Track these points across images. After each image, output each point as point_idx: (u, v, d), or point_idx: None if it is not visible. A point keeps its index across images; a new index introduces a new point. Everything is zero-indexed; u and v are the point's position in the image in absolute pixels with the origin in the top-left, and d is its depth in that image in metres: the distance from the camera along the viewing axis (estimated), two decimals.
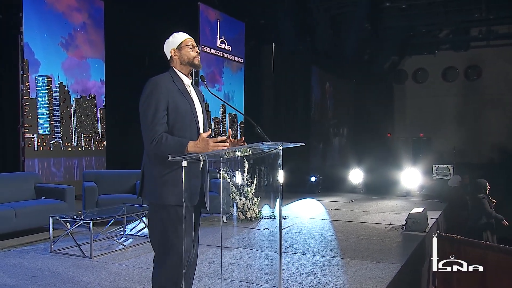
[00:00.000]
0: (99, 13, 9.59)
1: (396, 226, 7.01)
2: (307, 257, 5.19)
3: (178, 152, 2.74)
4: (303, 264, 4.87)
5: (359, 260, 5.07)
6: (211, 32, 11.25)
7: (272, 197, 3.40)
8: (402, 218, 7.19)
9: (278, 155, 2.99)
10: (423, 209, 7.04)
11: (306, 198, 10.37)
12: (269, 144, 2.96)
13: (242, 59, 12.60)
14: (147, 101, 2.78)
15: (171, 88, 2.84)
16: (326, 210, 8.70)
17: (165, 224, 2.82)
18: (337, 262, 5.02)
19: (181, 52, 2.94)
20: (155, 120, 2.75)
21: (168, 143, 2.73)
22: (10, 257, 4.96)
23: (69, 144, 8.83)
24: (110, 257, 5.05)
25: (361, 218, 7.81)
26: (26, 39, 7.99)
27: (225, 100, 11.82)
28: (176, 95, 2.84)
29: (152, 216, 2.93)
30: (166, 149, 2.71)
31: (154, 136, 2.72)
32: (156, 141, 2.72)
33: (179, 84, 2.90)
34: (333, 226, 7.14)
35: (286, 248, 5.55)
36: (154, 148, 2.73)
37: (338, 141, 18.90)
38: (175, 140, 2.76)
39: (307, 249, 5.57)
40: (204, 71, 10.91)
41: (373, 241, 6.04)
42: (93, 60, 9.43)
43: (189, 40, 2.97)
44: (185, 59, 2.93)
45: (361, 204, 9.63)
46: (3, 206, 5.70)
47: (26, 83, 7.99)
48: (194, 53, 2.94)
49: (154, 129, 2.73)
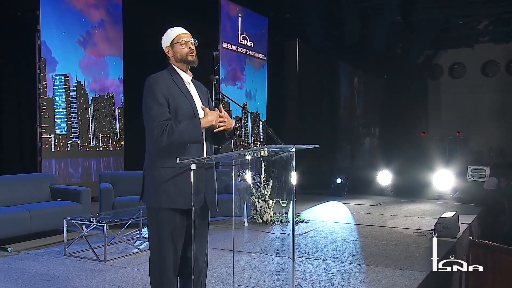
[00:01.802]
0: (117, 10, 9.75)
1: (424, 231, 6.93)
2: (327, 263, 5.19)
3: (193, 134, 2.77)
4: (323, 271, 4.88)
5: (382, 267, 5.04)
6: (232, 28, 11.33)
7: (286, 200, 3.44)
8: (432, 223, 7.11)
9: (291, 157, 3.04)
10: (454, 213, 6.93)
11: (330, 201, 10.34)
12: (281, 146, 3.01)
13: (265, 55, 12.64)
14: (149, 98, 2.82)
15: (170, 86, 2.88)
16: (351, 214, 8.67)
17: (155, 227, 2.90)
18: (359, 269, 5.00)
19: (174, 49, 2.98)
20: (160, 114, 2.76)
21: (180, 128, 2.73)
22: (23, 260, 5.12)
23: (87, 145, 9.04)
24: (124, 261, 5.16)
25: (387, 223, 7.75)
26: (43, 37, 8.19)
27: (246, 98, 11.88)
28: (176, 93, 2.87)
29: (148, 219, 3.03)
30: (180, 135, 2.73)
31: (162, 127, 2.71)
32: (166, 130, 2.70)
33: (178, 81, 2.94)
34: (358, 230, 7.11)
35: (306, 254, 5.56)
36: (167, 139, 2.71)
37: (367, 140, 18.74)
38: (185, 123, 2.77)
39: (328, 254, 5.57)
40: (225, 68, 11.00)
41: (399, 247, 6.00)
42: (111, 58, 9.62)
43: (182, 35, 2.98)
44: (178, 56, 2.97)
45: (389, 207, 9.55)
46: (18, 208, 5.89)
47: (43, 82, 8.21)
48: (186, 49, 2.96)
49: (159, 122, 2.73)
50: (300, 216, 7.82)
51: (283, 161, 3.14)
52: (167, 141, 2.72)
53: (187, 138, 2.77)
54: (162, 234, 2.85)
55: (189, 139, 2.79)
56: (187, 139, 2.78)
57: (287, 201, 3.50)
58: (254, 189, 6.98)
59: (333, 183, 11.29)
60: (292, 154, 3.03)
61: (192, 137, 2.79)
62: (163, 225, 2.85)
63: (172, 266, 2.88)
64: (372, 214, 8.65)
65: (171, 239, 2.85)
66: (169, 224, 2.84)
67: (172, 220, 2.84)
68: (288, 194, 3.33)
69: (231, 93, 11.25)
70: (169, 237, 2.85)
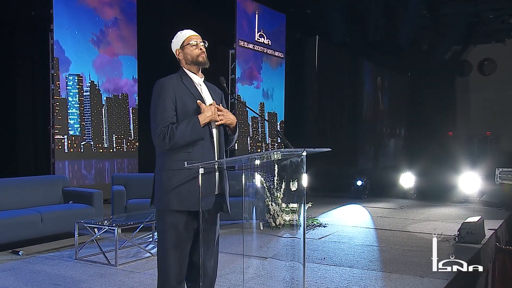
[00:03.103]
0: (132, 8, 9.88)
1: (447, 236, 6.86)
2: (344, 269, 5.19)
3: (193, 132, 2.86)
4: (338, 277, 4.89)
5: (401, 274, 5.02)
6: (248, 26, 11.39)
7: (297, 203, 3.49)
8: (456, 228, 7.03)
9: (302, 161, 3.08)
10: (479, 218, 6.85)
11: (350, 204, 10.31)
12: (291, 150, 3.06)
13: (283, 53, 12.67)
14: (155, 103, 2.92)
15: (179, 89, 2.95)
16: (371, 218, 8.64)
17: (162, 231, 2.99)
18: (377, 275, 5.00)
19: (184, 51, 3.05)
20: (164, 119, 2.87)
21: (180, 129, 2.84)
22: (34, 263, 5.25)
23: (100, 146, 9.19)
24: (135, 265, 5.25)
25: (409, 227, 7.70)
26: (56, 36, 8.34)
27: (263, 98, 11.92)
28: (185, 96, 2.95)
29: (157, 223, 3.11)
30: (181, 136, 2.84)
31: (163, 132, 2.84)
32: (167, 134, 2.83)
33: (188, 84, 3.01)
34: (377, 235, 7.09)
35: (322, 259, 5.58)
36: (169, 143, 2.84)
37: (390, 141, 18.61)
38: (185, 122, 2.87)
39: (345, 260, 5.57)
40: (241, 67, 11.06)
41: (420, 253, 5.95)
42: (125, 57, 9.76)
43: (192, 37, 3.06)
44: (189, 58, 3.04)
45: (411, 211, 9.48)
46: (29, 210, 6.03)
47: (56, 83, 8.37)
48: (197, 51, 3.03)
49: (162, 127, 2.85)
50: (317, 220, 7.82)
51: (294, 165, 3.19)
52: (170, 144, 2.85)
53: (188, 137, 2.86)
54: (167, 239, 2.94)
55: (190, 139, 2.88)
56: (188, 139, 2.87)
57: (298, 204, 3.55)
58: (268, 191, 7.02)
59: (354, 186, 11.25)
60: (303, 158, 3.08)
61: (193, 135, 2.87)
62: (169, 228, 2.93)
63: (175, 272, 2.94)
64: (393, 218, 8.61)
65: (176, 243, 2.92)
66: (175, 227, 2.92)
67: (178, 223, 2.92)
68: (299, 198, 3.38)
69: (248, 93, 11.32)
70: (174, 241, 2.92)
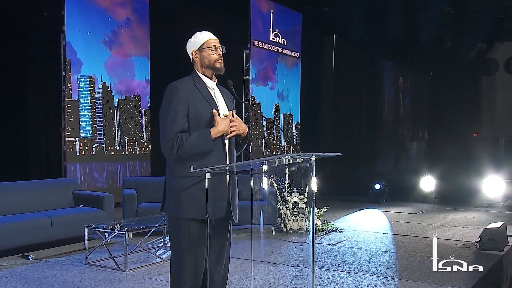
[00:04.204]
0: (144, 8, 9.96)
1: (468, 243, 6.80)
2: (358, 276, 5.19)
3: (203, 145, 2.87)
4: (352, 284, 4.89)
5: (417, 282, 5.01)
6: (263, 25, 11.42)
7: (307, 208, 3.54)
8: (477, 234, 6.95)
9: (311, 165, 3.11)
10: (502, 223, 6.78)
11: (368, 208, 10.26)
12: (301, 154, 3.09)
13: (298, 53, 12.68)
14: (166, 108, 2.91)
15: (192, 93, 2.94)
16: (389, 223, 8.60)
17: (175, 238, 3.00)
18: (392, 283, 4.99)
19: (202, 54, 3.03)
20: (174, 127, 2.86)
21: (190, 140, 2.84)
22: (43, 268, 5.34)
23: (112, 148, 9.30)
24: (145, 270, 5.31)
25: (428, 233, 7.65)
26: (68, 37, 8.44)
27: (278, 99, 11.93)
28: (198, 100, 2.94)
29: (169, 229, 3.10)
30: (189, 147, 2.84)
31: (172, 141, 2.83)
32: (176, 143, 2.83)
33: (201, 88, 3.00)
34: (394, 241, 7.06)
35: (336, 266, 5.58)
36: (177, 152, 2.84)
37: (410, 142, 18.46)
38: (196, 134, 2.87)
39: (360, 267, 5.56)
40: (256, 67, 11.10)
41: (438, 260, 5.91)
42: (138, 58, 9.85)
43: (212, 41, 3.04)
44: (205, 61, 3.02)
45: (432, 216, 9.40)
46: (39, 214, 6.13)
47: (68, 84, 8.48)
48: (216, 56, 3.02)
49: (171, 135, 2.85)
50: (333, 225, 7.81)
51: (303, 169, 3.22)
52: (177, 154, 2.86)
53: (197, 150, 2.88)
54: (181, 246, 2.95)
55: (199, 151, 2.89)
56: (197, 151, 2.88)
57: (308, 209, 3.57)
58: (279, 196, 7.04)
59: (372, 189, 11.19)
60: (312, 163, 3.10)
61: (202, 148, 2.89)
62: (182, 236, 2.94)
63: (191, 279, 2.95)
64: (412, 223, 8.55)
65: (190, 250, 2.93)
66: (188, 235, 2.93)
67: (191, 231, 2.93)
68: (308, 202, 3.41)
69: (262, 94, 11.35)
70: (189, 249, 2.93)
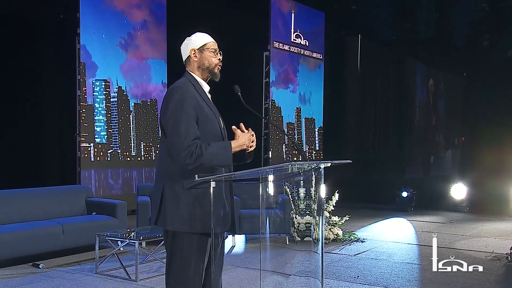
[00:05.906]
0: (161, 9, 10.04)
1: (499, 255, 6.65)
2: None
3: (224, 158, 2.79)
4: None
5: None
6: (284, 26, 11.42)
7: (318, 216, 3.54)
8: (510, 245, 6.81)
9: (320, 173, 3.10)
10: None
11: (394, 217, 10.16)
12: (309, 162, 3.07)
13: (321, 54, 12.64)
14: (178, 112, 2.77)
15: (197, 97, 2.87)
16: (415, 232, 8.48)
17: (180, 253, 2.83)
18: None
19: (202, 55, 2.98)
20: (191, 133, 2.75)
21: (210, 150, 2.73)
22: (54, 277, 5.41)
23: (128, 154, 9.38)
24: (156, 280, 5.33)
25: (456, 244, 7.51)
26: (83, 41, 8.58)
27: (300, 103, 11.89)
28: (203, 105, 2.87)
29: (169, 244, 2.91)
30: (209, 158, 2.72)
31: (191, 149, 2.69)
32: (195, 152, 2.69)
33: (201, 92, 2.93)
34: (419, 252, 6.95)
35: (356, 278, 5.52)
36: (195, 162, 2.69)
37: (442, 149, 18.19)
38: (216, 145, 2.79)
39: (380, 279, 5.49)
40: (276, 70, 11.10)
41: (465, 273, 5.78)
42: (154, 61, 9.94)
43: (213, 44, 3.01)
44: (205, 63, 2.97)
45: (462, 226, 9.24)
46: (50, 222, 6.21)
47: (82, 88, 8.60)
48: (216, 60, 2.99)
49: (189, 142, 2.71)
50: (355, 235, 7.74)
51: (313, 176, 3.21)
52: (195, 164, 2.72)
53: (216, 161, 2.79)
54: (188, 261, 2.83)
55: (218, 163, 2.81)
56: (216, 163, 2.79)
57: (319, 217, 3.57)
58: (292, 204, 7.01)
59: (398, 197, 11.05)
60: (321, 170, 3.08)
61: (222, 161, 2.81)
62: (189, 251, 2.83)
63: None
64: (440, 233, 8.40)
65: (197, 265, 2.84)
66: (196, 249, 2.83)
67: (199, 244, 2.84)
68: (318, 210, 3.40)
69: (283, 97, 11.33)
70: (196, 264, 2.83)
